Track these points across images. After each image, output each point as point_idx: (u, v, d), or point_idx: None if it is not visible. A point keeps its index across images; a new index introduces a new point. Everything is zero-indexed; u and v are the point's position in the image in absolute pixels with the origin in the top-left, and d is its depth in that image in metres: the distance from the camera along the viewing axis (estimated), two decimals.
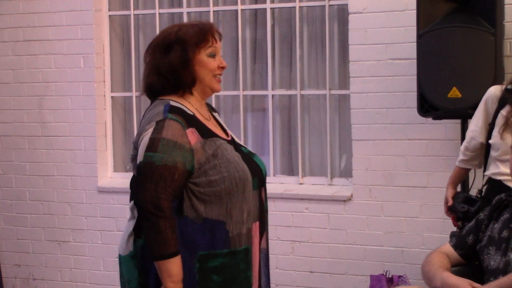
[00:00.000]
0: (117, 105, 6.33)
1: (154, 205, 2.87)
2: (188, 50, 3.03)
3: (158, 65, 3.06)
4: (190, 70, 3.04)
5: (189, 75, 3.05)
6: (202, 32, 3.07)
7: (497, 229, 3.45)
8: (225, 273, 2.99)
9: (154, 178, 2.89)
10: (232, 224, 2.99)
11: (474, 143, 4.32)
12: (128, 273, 3.07)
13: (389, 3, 5.33)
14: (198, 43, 3.05)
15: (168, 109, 2.98)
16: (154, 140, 2.91)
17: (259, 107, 6.04)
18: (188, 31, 3.07)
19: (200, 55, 3.05)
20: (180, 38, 3.05)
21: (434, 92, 4.72)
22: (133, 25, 6.24)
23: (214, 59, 3.09)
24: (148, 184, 2.89)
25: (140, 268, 3.02)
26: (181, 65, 3.03)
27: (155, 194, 2.88)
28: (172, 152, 2.90)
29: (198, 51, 3.05)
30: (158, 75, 3.06)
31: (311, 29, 5.83)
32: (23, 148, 6.39)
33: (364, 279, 5.46)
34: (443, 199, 5.17)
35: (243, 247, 3.03)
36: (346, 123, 5.64)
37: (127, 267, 3.07)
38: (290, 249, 5.70)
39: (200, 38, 3.05)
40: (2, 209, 6.49)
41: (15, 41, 6.36)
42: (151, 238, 2.90)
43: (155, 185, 2.88)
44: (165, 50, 3.05)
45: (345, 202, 5.54)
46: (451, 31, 4.68)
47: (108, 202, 6.17)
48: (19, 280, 6.50)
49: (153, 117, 2.98)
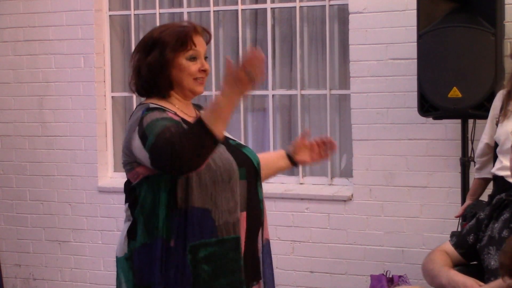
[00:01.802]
0: (118, 105, 6.33)
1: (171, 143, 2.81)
2: (166, 53, 3.01)
3: (140, 67, 3.06)
4: (166, 74, 3.02)
5: (166, 78, 3.03)
6: (182, 36, 3.03)
7: (497, 229, 3.45)
8: (215, 262, 2.98)
9: (164, 147, 2.83)
10: (218, 212, 2.99)
11: (480, 146, 4.34)
12: (123, 275, 3.09)
13: (390, 3, 5.33)
14: (177, 47, 3.02)
15: (145, 110, 3.00)
16: (142, 136, 2.91)
17: (259, 107, 6.04)
18: (169, 33, 3.04)
19: (179, 58, 3.02)
20: (160, 40, 3.03)
21: (434, 92, 4.72)
22: (133, 25, 6.24)
23: (195, 62, 3.05)
24: (164, 150, 2.83)
25: (135, 270, 3.03)
26: (159, 68, 3.02)
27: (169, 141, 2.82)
28: (157, 123, 2.89)
29: (176, 54, 3.02)
30: (139, 76, 3.07)
31: (312, 29, 5.83)
32: (23, 148, 6.39)
33: (364, 279, 5.46)
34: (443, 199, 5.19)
35: (232, 236, 3.01)
36: (347, 123, 5.64)
37: (122, 269, 3.09)
38: (290, 249, 5.70)
39: (178, 41, 3.02)
40: (2, 209, 6.49)
41: (15, 41, 6.36)
42: (193, 144, 2.79)
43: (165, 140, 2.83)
44: (147, 52, 3.05)
45: (345, 202, 5.54)
46: (451, 31, 4.68)
47: (108, 202, 6.17)
48: (20, 280, 6.50)
49: (133, 124, 3.00)
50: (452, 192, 5.20)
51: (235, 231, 3.02)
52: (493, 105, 4.31)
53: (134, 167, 3.03)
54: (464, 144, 4.90)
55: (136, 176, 3.03)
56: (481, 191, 4.42)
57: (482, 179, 4.40)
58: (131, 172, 3.06)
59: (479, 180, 4.41)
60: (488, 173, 4.33)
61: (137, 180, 3.03)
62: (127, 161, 3.06)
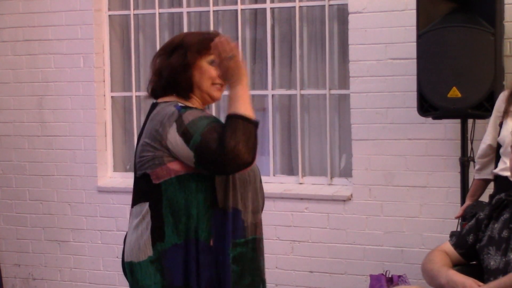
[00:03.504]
0: (117, 105, 6.33)
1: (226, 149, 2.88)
2: (188, 54, 3.08)
3: (161, 68, 3.11)
4: (188, 75, 3.07)
5: (187, 79, 3.08)
6: (206, 40, 3.10)
7: (497, 229, 3.45)
8: (242, 262, 3.04)
9: (213, 147, 2.89)
10: (246, 213, 3.05)
11: (482, 147, 4.33)
12: (145, 279, 3.03)
13: (389, 3, 5.33)
14: (200, 50, 3.08)
15: (180, 107, 3.03)
16: (184, 133, 2.94)
17: (259, 106, 6.04)
18: (192, 37, 3.13)
19: (200, 61, 3.09)
20: (184, 43, 3.10)
21: (434, 91, 4.72)
22: (133, 25, 6.24)
23: (215, 67, 3.11)
24: (217, 152, 2.89)
25: (165, 272, 3.00)
26: (180, 69, 3.07)
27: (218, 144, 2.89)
28: (202, 122, 2.96)
29: (199, 57, 3.08)
30: (160, 77, 3.11)
31: (311, 29, 5.83)
32: (23, 148, 6.39)
33: (363, 279, 5.46)
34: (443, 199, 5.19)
35: (254, 236, 3.08)
36: (346, 123, 5.64)
37: (144, 273, 3.03)
38: (290, 249, 5.70)
39: (202, 45, 3.09)
40: (2, 209, 6.49)
41: (15, 41, 6.35)
42: (245, 138, 2.91)
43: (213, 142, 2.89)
44: (169, 54, 3.11)
45: (344, 202, 5.54)
46: (451, 31, 4.68)
47: (108, 202, 6.17)
48: (19, 279, 6.50)
49: (167, 117, 3.00)
50: (451, 192, 5.20)
51: (256, 232, 3.08)
52: (495, 106, 4.30)
53: (165, 163, 3.00)
54: (464, 144, 4.90)
55: (166, 173, 3.00)
56: (481, 192, 4.42)
57: (482, 180, 4.39)
58: (158, 168, 3.01)
59: (479, 181, 4.41)
60: (488, 174, 4.32)
61: (166, 178, 3.00)
62: (153, 156, 3.02)
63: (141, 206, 3.06)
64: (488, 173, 4.32)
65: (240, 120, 2.92)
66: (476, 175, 4.42)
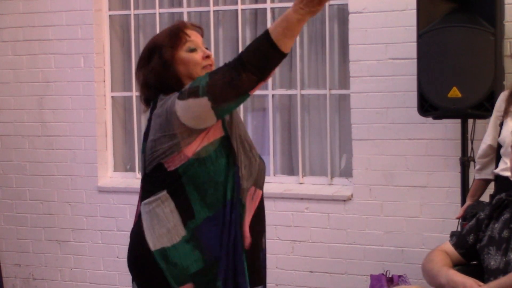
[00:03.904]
0: (117, 104, 6.33)
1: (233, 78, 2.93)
2: (163, 52, 3.08)
3: (146, 78, 3.11)
4: (171, 71, 3.08)
5: (172, 76, 3.08)
6: (173, 32, 3.11)
7: (497, 229, 3.45)
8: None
9: (216, 76, 2.93)
10: (242, 175, 3.07)
11: (483, 147, 4.33)
12: (184, 260, 3.02)
13: (389, 3, 5.33)
14: (172, 44, 3.09)
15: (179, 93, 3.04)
16: (190, 91, 2.96)
17: (259, 106, 6.04)
18: (160, 36, 3.15)
19: (178, 53, 3.09)
20: (156, 45, 3.12)
21: (434, 91, 4.72)
22: (133, 25, 6.24)
23: (196, 52, 3.11)
24: (217, 81, 2.93)
25: (203, 247, 3.01)
26: (163, 69, 3.08)
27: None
28: (200, 77, 2.99)
29: (175, 51, 3.08)
30: (148, 87, 3.11)
31: (311, 29, 5.83)
32: (23, 148, 6.39)
33: (364, 279, 5.46)
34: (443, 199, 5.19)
35: (243, 202, 3.08)
36: (346, 123, 5.64)
37: (181, 254, 3.02)
38: (290, 248, 5.71)
39: (172, 38, 3.09)
40: (2, 208, 6.49)
41: (15, 40, 6.36)
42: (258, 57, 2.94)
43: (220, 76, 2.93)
44: (147, 63, 3.12)
45: (345, 202, 5.54)
46: (451, 31, 4.68)
47: (108, 202, 6.17)
48: (19, 279, 6.50)
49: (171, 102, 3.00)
50: (451, 191, 5.20)
51: (244, 199, 3.08)
52: (496, 106, 4.30)
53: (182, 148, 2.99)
54: (464, 144, 4.90)
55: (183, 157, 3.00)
56: (481, 192, 4.42)
57: (483, 180, 4.39)
58: (173, 156, 3.01)
59: (480, 181, 4.41)
60: (489, 174, 4.33)
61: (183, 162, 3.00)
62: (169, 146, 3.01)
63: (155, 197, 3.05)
64: (489, 173, 4.32)
65: (266, 40, 2.91)
66: (477, 175, 4.42)
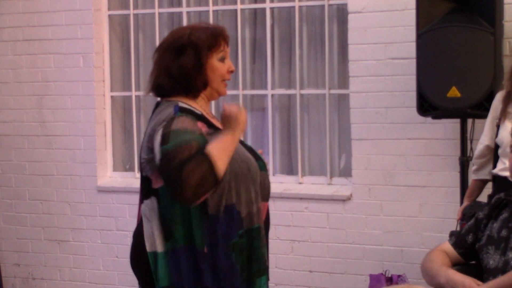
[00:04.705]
0: (117, 104, 6.33)
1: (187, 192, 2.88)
2: (202, 55, 3.07)
3: (169, 67, 3.07)
4: (202, 75, 3.08)
5: (202, 80, 3.08)
6: (214, 36, 3.10)
7: (496, 229, 3.45)
8: (243, 252, 3.05)
9: (173, 163, 2.88)
10: (241, 205, 3.03)
11: (480, 147, 4.33)
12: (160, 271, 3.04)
13: (389, 3, 5.33)
14: (211, 48, 3.08)
15: (178, 110, 3.01)
16: (164, 135, 2.94)
17: (259, 106, 6.04)
18: (200, 35, 3.09)
19: (212, 59, 3.09)
20: (193, 42, 3.07)
21: (433, 91, 4.72)
22: (132, 24, 6.24)
23: (224, 63, 3.13)
24: (172, 171, 2.89)
25: (171, 271, 3.01)
26: (194, 70, 3.06)
27: (179, 179, 2.87)
28: (184, 136, 2.93)
29: (210, 55, 3.08)
30: (169, 76, 3.08)
31: (311, 29, 5.83)
32: (23, 148, 6.39)
33: (363, 279, 5.46)
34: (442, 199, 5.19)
35: (256, 225, 3.07)
36: (346, 123, 5.64)
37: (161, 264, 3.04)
38: (289, 248, 5.71)
39: (212, 42, 3.09)
40: (1, 208, 6.49)
41: (15, 40, 6.36)
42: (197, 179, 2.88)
43: (177, 168, 2.88)
44: (177, 53, 3.07)
45: (344, 201, 5.54)
46: (450, 31, 4.68)
47: (107, 202, 6.17)
48: (19, 279, 6.50)
49: (164, 119, 2.99)
50: (451, 191, 5.20)
51: (253, 221, 3.06)
52: (492, 106, 4.30)
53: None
54: (463, 144, 4.90)
55: (160, 180, 3.01)
56: (479, 192, 4.42)
57: (480, 181, 4.39)
58: (154, 173, 3.03)
59: (477, 182, 4.41)
60: (486, 175, 4.33)
61: (160, 185, 3.01)
62: (150, 159, 3.02)
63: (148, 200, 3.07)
64: (486, 174, 4.32)
65: (207, 163, 2.88)
66: (474, 176, 4.42)
